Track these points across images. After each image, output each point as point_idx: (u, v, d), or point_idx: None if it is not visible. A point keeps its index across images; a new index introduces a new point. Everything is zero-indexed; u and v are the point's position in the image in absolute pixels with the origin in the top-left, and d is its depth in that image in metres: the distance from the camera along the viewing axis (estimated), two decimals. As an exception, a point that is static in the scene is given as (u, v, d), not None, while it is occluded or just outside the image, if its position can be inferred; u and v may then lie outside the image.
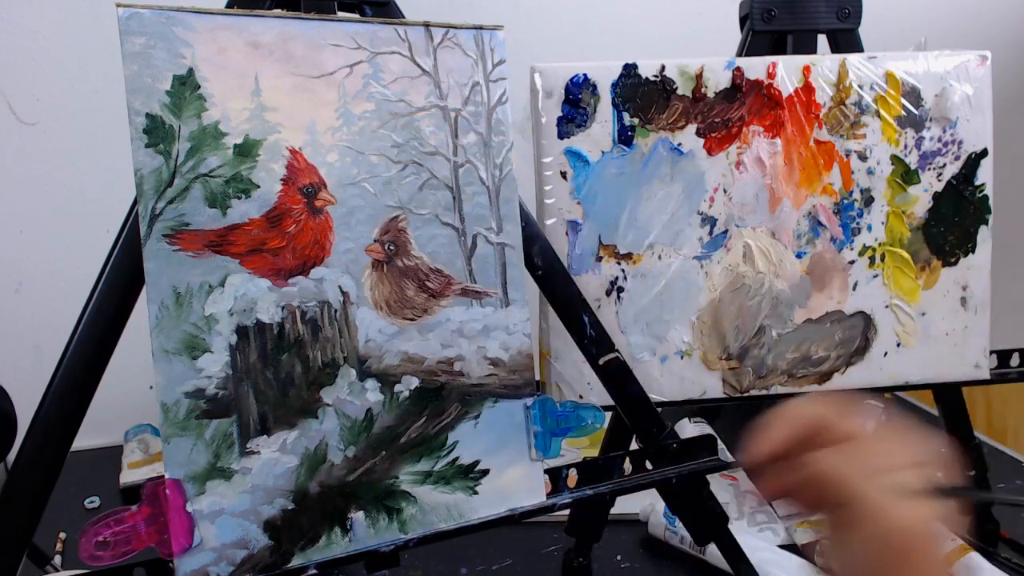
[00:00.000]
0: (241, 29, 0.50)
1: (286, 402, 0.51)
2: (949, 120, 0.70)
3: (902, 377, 0.72)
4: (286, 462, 0.51)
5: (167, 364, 0.48)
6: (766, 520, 0.85)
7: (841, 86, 0.69)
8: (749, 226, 0.69)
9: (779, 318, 0.70)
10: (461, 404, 0.57)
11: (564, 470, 0.61)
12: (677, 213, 0.68)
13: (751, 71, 0.68)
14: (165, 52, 0.48)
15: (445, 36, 0.57)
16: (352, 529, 0.53)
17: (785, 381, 0.71)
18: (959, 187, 0.71)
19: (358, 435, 0.54)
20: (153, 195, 0.47)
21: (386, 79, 0.55)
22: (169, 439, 0.48)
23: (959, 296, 0.72)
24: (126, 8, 0.46)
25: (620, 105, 0.67)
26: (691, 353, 0.69)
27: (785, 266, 0.70)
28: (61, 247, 1.07)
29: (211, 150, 0.49)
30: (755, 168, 0.69)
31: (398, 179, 0.55)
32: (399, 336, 0.55)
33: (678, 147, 0.68)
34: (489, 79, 0.59)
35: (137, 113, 0.47)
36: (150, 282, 0.47)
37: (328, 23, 0.53)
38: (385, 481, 0.55)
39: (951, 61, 0.70)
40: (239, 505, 0.50)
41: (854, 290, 0.71)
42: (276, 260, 0.51)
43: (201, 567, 0.48)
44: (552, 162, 0.67)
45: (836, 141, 0.69)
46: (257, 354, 0.51)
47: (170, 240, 0.48)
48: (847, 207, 0.70)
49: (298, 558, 0.51)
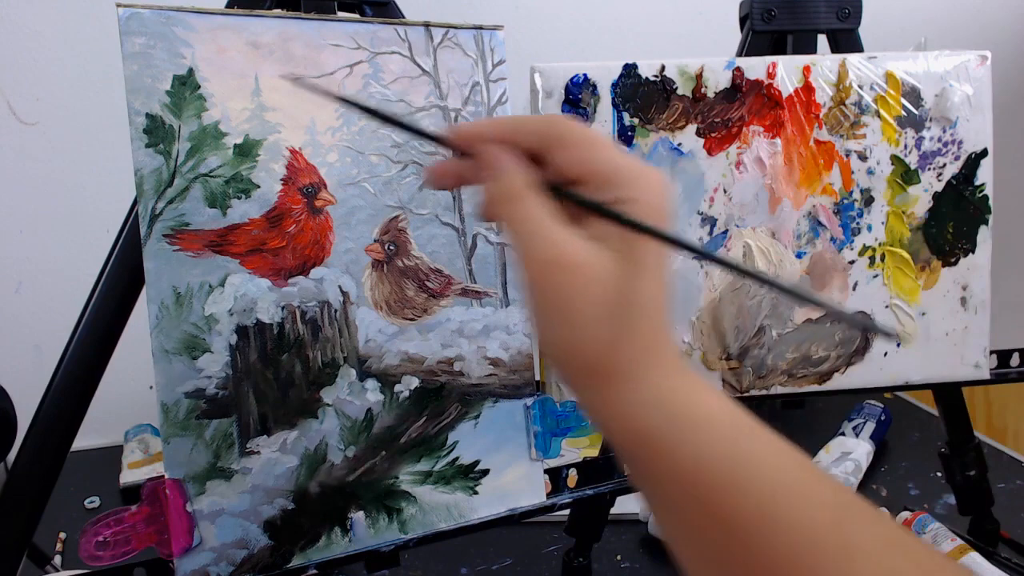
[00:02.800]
0: (241, 29, 0.50)
1: (286, 402, 0.51)
2: (949, 120, 0.70)
3: (902, 377, 0.72)
4: (286, 462, 0.51)
5: (167, 364, 0.48)
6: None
7: (841, 86, 0.69)
8: (749, 226, 0.69)
9: (779, 318, 0.70)
10: (461, 404, 0.57)
11: (564, 470, 0.61)
12: (677, 213, 0.68)
13: (751, 71, 0.68)
14: (165, 52, 0.48)
15: (445, 36, 0.57)
16: (352, 529, 0.53)
17: (785, 381, 0.71)
18: (959, 187, 0.71)
19: (358, 435, 0.54)
20: (153, 195, 0.47)
21: (386, 79, 0.55)
22: (169, 439, 0.48)
23: (959, 296, 0.72)
24: (126, 8, 0.46)
25: (620, 105, 0.67)
26: (691, 353, 0.69)
27: (785, 266, 0.70)
28: (61, 247, 1.07)
29: (211, 150, 0.49)
30: (755, 168, 0.69)
31: (398, 179, 0.55)
32: (399, 336, 0.55)
33: (678, 147, 0.68)
34: (489, 79, 0.59)
35: (137, 113, 0.47)
36: (150, 282, 0.47)
37: (328, 23, 0.53)
38: (385, 481, 0.55)
39: (951, 61, 0.70)
40: (239, 505, 0.50)
41: (854, 290, 0.71)
42: (276, 260, 0.51)
43: (201, 567, 0.48)
44: (552, 162, 0.67)
45: (836, 141, 0.69)
46: (257, 354, 0.51)
47: (170, 240, 0.48)
48: (847, 207, 0.70)
49: (298, 558, 0.51)
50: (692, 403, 0.35)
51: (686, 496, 0.34)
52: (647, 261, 0.35)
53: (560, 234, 0.35)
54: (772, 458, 0.34)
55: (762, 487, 0.33)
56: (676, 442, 0.34)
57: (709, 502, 0.33)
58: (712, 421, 0.34)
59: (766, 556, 0.32)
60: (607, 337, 0.35)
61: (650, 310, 0.35)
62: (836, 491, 0.34)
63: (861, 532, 0.32)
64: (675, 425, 0.34)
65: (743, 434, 0.35)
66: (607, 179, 0.35)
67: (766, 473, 0.33)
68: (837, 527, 0.32)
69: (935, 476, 0.93)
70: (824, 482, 0.34)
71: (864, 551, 0.31)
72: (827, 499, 0.33)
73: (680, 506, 0.34)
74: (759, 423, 0.36)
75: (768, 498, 0.33)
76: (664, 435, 0.34)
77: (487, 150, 0.37)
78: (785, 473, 0.34)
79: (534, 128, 0.37)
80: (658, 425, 0.34)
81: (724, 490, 0.33)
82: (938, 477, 0.91)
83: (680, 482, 0.34)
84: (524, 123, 0.38)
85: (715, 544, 0.33)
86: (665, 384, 0.35)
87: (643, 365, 0.35)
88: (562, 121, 0.37)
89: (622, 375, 0.35)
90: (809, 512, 0.32)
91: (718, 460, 0.33)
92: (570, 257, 0.34)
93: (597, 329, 0.35)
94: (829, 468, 0.93)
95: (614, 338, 0.35)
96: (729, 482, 0.33)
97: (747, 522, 0.32)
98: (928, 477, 0.94)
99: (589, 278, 0.34)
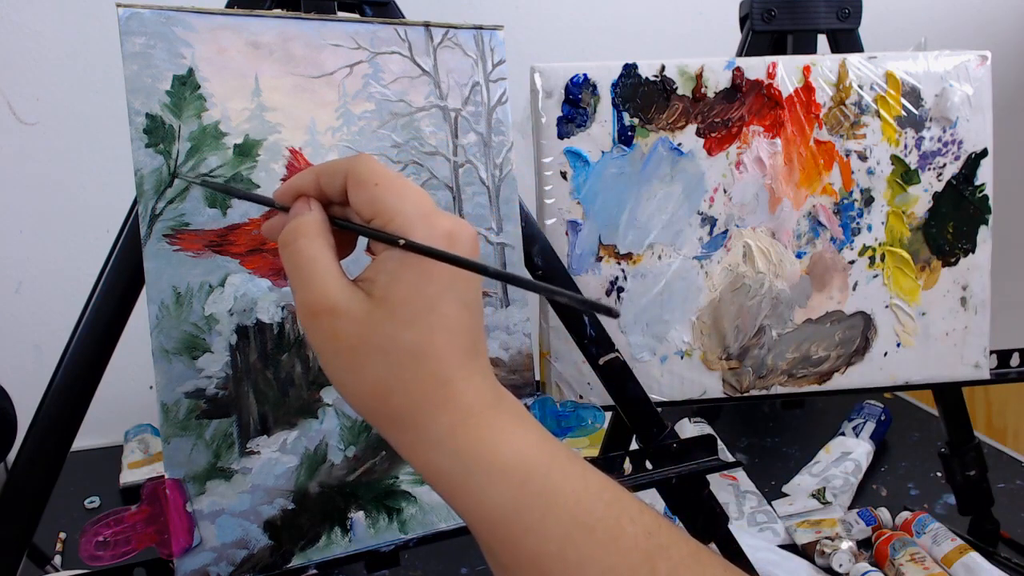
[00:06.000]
0: (241, 29, 0.50)
1: (286, 402, 0.51)
2: (949, 120, 0.70)
3: (902, 377, 0.72)
4: (286, 462, 0.51)
5: (167, 364, 0.48)
6: (766, 520, 0.85)
7: (841, 86, 0.69)
8: (749, 226, 0.69)
9: (779, 318, 0.70)
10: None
11: (564, 470, 0.60)
12: (677, 213, 0.68)
13: (751, 71, 0.68)
14: (165, 52, 0.48)
15: (445, 36, 0.57)
16: (352, 529, 0.53)
17: (785, 381, 0.71)
18: (959, 187, 0.71)
19: (358, 435, 0.54)
20: (153, 195, 0.47)
21: (386, 79, 0.55)
22: (169, 439, 0.48)
23: (959, 296, 0.72)
24: (126, 8, 0.46)
25: (620, 105, 0.67)
26: (691, 353, 0.69)
27: (785, 266, 0.70)
28: (61, 247, 1.07)
29: (211, 150, 0.49)
30: (755, 168, 0.69)
31: (398, 179, 0.55)
32: (399, 336, 0.55)
33: (678, 147, 0.68)
34: (489, 79, 0.59)
35: (137, 113, 0.47)
36: (150, 282, 0.47)
37: (328, 23, 0.53)
38: (385, 481, 0.55)
39: (951, 61, 0.70)
40: (239, 505, 0.50)
41: (854, 290, 0.71)
42: (276, 260, 0.51)
43: (201, 567, 0.48)
44: (552, 162, 0.67)
45: (836, 141, 0.69)
46: (257, 354, 0.51)
47: (170, 240, 0.48)
48: (847, 207, 0.70)
49: (298, 558, 0.51)
50: (488, 449, 0.34)
51: (492, 537, 0.34)
52: (409, 310, 0.34)
53: (325, 278, 0.35)
54: (577, 500, 0.34)
55: (563, 531, 0.33)
56: (473, 486, 0.34)
57: (513, 545, 0.33)
58: (510, 467, 0.34)
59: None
60: (371, 382, 0.34)
61: (420, 359, 0.34)
62: (650, 531, 0.33)
63: (676, 574, 0.32)
64: (468, 469, 0.34)
65: (548, 475, 0.34)
66: (387, 221, 0.35)
67: (567, 517, 0.33)
68: (649, 568, 0.32)
69: (935, 476, 0.93)
70: (637, 522, 0.34)
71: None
72: (638, 541, 0.33)
73: (490, 545, 0.34)
74: (573, 459, 0.35)
75: (569, 541, 0.33)
76: (460, 479, 0.34)
77: (295, 202, 0.38)
78: (589, 515, 0.33)
79: (334, 170, 0.37)
80: (452, 470, 0.34)
81: (526, 534, 0.33)
82: (938, 477, 0.92)
83: (484, 524, 0.34)
84: (328, 167, 0.38)
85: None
86: (456, 431, 0.34)
87: (421, 413, 0.34)
88: (356, 162, 0.37)
89: (399, 421, 0.35)
90: (616, 556, 0.32)
91: (517, 506, 0.33)
92: (327, 302, 0.34)
93: (361, 373, 0.34)
94: (829, 468, 0.93)
95: (379, 384, 0.34)
96: (530, 526, 0.33)
97: (550, 565, 0.32)
98: (928, 477, 0.94)
99: (348, 324, 0.34)
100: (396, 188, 0.36)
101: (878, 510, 0.83)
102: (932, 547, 0.76)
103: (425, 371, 0.34)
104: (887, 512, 0.83)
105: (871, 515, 0.82)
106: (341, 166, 0.37)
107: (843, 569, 0.74)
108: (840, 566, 0.74)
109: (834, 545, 0.76)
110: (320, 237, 0.36)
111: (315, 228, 0.36)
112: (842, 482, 0.90)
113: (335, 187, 0.37)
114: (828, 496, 0.87)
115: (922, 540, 0.77)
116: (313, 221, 0.36)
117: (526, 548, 0.33)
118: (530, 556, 0.33)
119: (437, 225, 0.35)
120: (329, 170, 0.37)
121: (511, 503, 0.33)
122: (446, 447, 0.34)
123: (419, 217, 0.35)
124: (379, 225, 0.35)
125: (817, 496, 0.87)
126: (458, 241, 0.35)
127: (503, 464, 0.34)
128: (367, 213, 0.36)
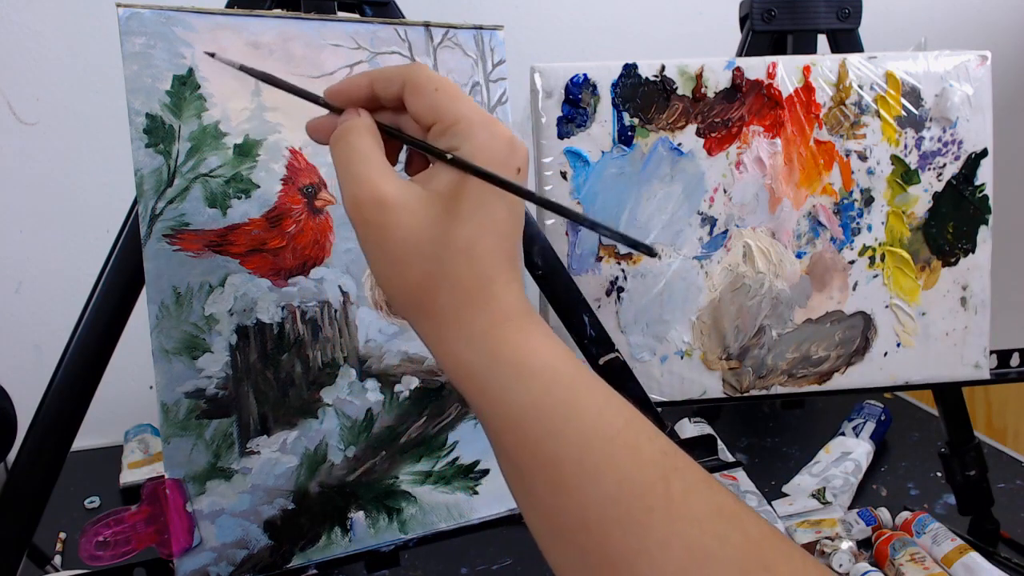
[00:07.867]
0: (241, 29, 0.50)
1: (286, 402, 0.51)
2: (949, 120, 0.70)
3: (902, 377, 0.72)
4: (286, 462, 0.51)
5: (167, 364, 0.48)
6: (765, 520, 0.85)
7: (841, 86, 0.69)
8: (749, 226, 0.69)
9: (779, 318, 0.70)
10: (461, 404, 0.57)
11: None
12: (677, 213, 0.68)
13: (751, 71, 0.68)
14: (165, 52, 0.48)
15: (445, 36, 0.57)
16: (352, 529, 0.53)
17: (785, 381, 0.71)
18: (959, 187, 0.71)
19: (358, 435, 0.54)
20: (153, 195, 0.47)
21: (386, 79, 0.55)
22: (169, 439, 0.48)
23: (959, 296, 0.72)
24: (126, 8, 0.46)
25: (620, 105, 0.67)
26: (691, 353, 0.69)
27: (785, 266, 0.70)
28: (61, 247, 1.07)
29: (211, 150, 0.49)
30: (755, 168, 0.69)
31: (398, 179, 0.55)
32: (399, 336, 0.55)
33: (678, 147, 0.68)
34: (489, 79, 0.59)
35: (137, 113, 0.47)
36: (150, 282, 0.47)
37: (328, 23, 0.53)
38: (385, 481, 0.55)
39: (951, 61, 0.70)
40: (239, 505, 0.50)
41: (854, 290, 0.71)
42: (276, 260, 0.51)
43: (201, 567, 0.48)
44: (552, 162, 0.67)
45: (836, 141, 0.69)
46: (257, 354, 0.51)
47: (170, 240, 0.48)
48: (847, 207, 0.70)
49: (298, 558, 0.51)
50: (520, 352, 0.35)
51: (512, 437, 0.35)
52: (467, 206, 0.35)
53: (378, 173, 0.35)
54: (599, 412, 0.35)
55: (583, 438, 0.33)
56: (500, 387, 0.35)
57: (533, 446, 0.34)
58: (538, 370, 0.35)
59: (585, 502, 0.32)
60: (419, 277, 0.35)
61: (470, 255, 0.35)
62: (666, 452, 0.34)
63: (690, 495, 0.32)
64: (499, 370, 0.35)
65: (573, 386, 0.35)
66: (448, 125, 0.36)
67: (589, 425, 0.34)
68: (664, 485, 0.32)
69: (935, 476, 0.93)
70: (655, 442, 0.34)
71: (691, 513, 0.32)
72: (655, 458, 0.34)
73: (508, 446, 0.35)
74: (596, 379, 0.36)
75: (588, 448, 0.33)
76: (488, 378, 0.35)
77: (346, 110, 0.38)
78: (610, 427, 0.34)
79: (389, 76, 0.38)
80: (481, 368, 0.35)
81: (546, 437, 0.34)
82: (938, 477, 0.91)
83: (506, 423, 0.35)
84: (381, 73, 0.38)
85: (542, 486, 0.34)
86: (492, 331, 0.35)
87: (464, 309, 0.35)
88: (414, 69, 0.37)
89: (441, 316, 0.36)
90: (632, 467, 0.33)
91: (540, 408, 0.34)
92: (378, 193, 0.35)
93: (409, 267, 0.35)
94: (829, 468, 0.93)
95: (427, 279, 0.35)
96: (551, 430, 0.34)
97: (568, 469, 0.33)
98: (928, 477, 0.94)
99: (401, 217, 0.35)
100: (457, 94, 0.36)
101: (878, 510, 0.83)
102: (932, 547, 0.76)
103: (475, 269, 0.35)
104: (887, 512, 0.83)
105: (871, 515, 0.82)
106: (397, 72, 0.38)
107: (843, 569, 0.74)
108: (840, 566, 0.74)
109: (834, 545, 0.76)
110: (372, 137, 0.37)
111: (368, 129, 0.37)
112: (842, 482, 0.90)
113: (390, 93, 0.38)
114: (828, 496, 0.87)
115: (922, 540, 0.77)
116: (365, 124, 0.37)
117: (545, 450, 0.33)
118: (548, 459, 0.33)
119: (499, 131, 0.36)
120: (384, 76, 0.38)
121: (536, 405, 0.34)
122: (481, 345, 0.35)
123: (481, 122, 0.36)
124: (441, 129, 0.36)
125: (817, 496, 0.87)
126: (518, 149, 0.37)
127: (532, 367, 0.35)
128: (428, 118, 0.36)
